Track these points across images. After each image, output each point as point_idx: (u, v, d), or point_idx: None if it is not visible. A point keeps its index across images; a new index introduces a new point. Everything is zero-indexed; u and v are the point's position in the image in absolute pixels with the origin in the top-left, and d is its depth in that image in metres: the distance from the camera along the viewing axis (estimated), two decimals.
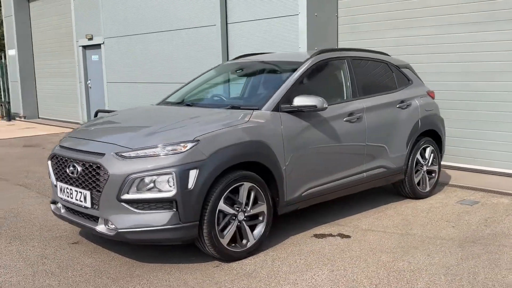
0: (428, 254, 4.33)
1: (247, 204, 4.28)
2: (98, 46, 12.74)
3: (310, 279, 3.85)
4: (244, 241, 4.30)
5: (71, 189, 4.23)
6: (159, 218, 3.87)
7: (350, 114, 5.17)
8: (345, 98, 5.33)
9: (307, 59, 5.11)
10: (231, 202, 4.18)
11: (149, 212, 3.88)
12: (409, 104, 5.88)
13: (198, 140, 3.99)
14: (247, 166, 4.32)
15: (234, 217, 4.20)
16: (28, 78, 16.39)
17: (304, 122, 4.72)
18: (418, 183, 6.05)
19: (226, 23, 9.56)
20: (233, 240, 4.24)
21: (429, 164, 6.15)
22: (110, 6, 12.07)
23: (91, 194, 4.02)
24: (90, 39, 12.86)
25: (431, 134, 6.22)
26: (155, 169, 3.85)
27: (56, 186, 4.45)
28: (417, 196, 6.04)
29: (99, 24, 12.47)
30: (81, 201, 4.12)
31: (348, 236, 4.81)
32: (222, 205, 4.07)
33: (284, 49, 8.64)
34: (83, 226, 4.21)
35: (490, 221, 5.21)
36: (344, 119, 5.10)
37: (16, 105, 16.68)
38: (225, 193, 4.08)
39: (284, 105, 4.63)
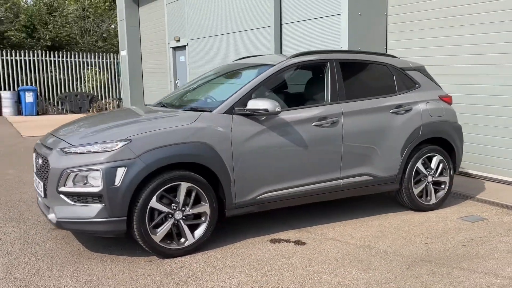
0: (364, 269, 4.06)
1: (187, 203, 4.38)
2: (183, 47, 13.45)
3: (220, 282, 3.84)
4: (182, 240, 4.40)
5: (36, 179, 4.67)
6: (90, 211, 4.13)
7: (323, 118, 4.98)
8: (321, 102, 5.14)
9: (279, 63, 5.03)
10: (169, 200, 4.32)
11: (82, 205, 4.16)
12: (408, 109, 5.48)
13: (130, 140, 4.18)
14: (191, 167, 4.41)
15: (170, 216, 4.32)
16: (136, 76, 17.76)
17: (261, 125, 4.67)
18: (421, 195, 5.62)
19: (281, 24, 9.59)
20: (172, 237, 4.38)
21: (437, 174, 5.67)
22: (192, 9, 12.67)
23: (44, 185, 4.42)
24: (178, 40, 13.62)
25: (440, 143, 5.73)
26: (87, 165, 4.12)
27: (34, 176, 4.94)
28: (419, 208, 5.61)
29: (184, 27, 13.16)
30: (40, 191, 4.54)
31: (303, 244, 4.67)
32: (154, 203, 4.21)
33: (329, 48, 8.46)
34: (43, 213, 4.62)
35: (475, 241, 4.70)
36: (314, 124, 4.92)
37: (126, 101, 18.19)
38: (159, 192, 4.22)
39: (238, 108, 4.63)
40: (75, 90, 20.21)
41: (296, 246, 4.61)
